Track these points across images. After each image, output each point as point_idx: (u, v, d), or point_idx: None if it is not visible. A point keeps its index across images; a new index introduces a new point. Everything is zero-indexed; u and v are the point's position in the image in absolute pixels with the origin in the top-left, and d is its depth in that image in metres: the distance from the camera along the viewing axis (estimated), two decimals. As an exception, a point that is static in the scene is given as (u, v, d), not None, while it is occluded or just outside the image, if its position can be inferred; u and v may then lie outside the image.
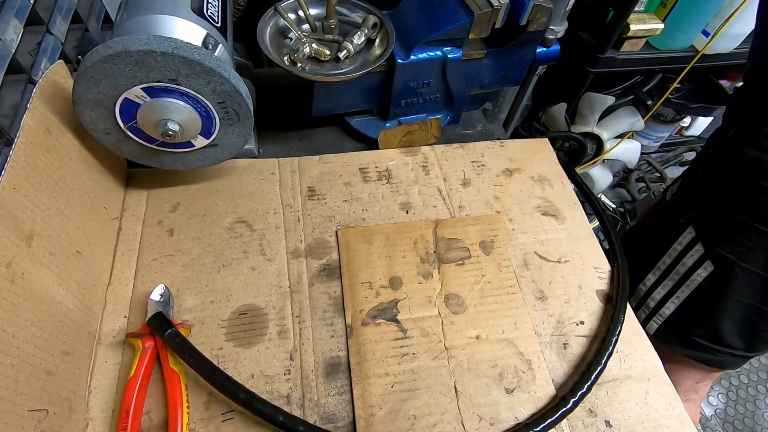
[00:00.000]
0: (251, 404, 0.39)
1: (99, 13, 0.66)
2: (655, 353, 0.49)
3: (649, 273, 0.68)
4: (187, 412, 0.40)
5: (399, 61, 0.57)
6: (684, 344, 0.65)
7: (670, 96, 1.27)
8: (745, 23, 1.13)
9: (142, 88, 0.40)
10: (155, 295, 0.45)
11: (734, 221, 0.56)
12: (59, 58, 0.49)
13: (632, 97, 1.31)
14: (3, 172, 0.34)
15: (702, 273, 0.61)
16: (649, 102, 1.29)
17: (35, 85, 0.40)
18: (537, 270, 0.54)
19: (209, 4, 0.46)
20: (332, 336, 0.47)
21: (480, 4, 0.55)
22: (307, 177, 0.59)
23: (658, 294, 0.67)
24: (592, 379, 0.44)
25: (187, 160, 0.50)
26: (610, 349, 0.46)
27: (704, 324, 0.64)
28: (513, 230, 0.57)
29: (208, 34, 0.44)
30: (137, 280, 0.49)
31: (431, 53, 0.58)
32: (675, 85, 1.18)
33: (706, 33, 1.15)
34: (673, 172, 1.77)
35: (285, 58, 0.53)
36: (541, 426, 0.41)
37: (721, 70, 1.42)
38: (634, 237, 0.81)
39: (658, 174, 1.63)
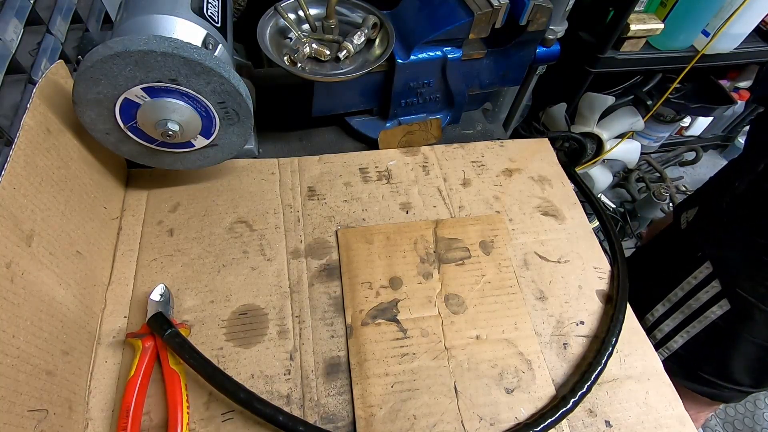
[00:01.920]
0: (251, 404, 0.39)
1: (99, 13, 0.66)
2: (655, 353, 0.49)
3: (659, 303, 0.65)
4: (187, 412, 0.40)
5: (399, 61, 0.57)
6: (690, 379, 0.63)
7: (670, 96, 1.27)
8: (745, 23, 1.13)
9: (142, 88, 0.40)
10: (155, 295, 0.45)
11: (758, 261, 0.54)
12: (59, 58, 0.49)
13: (632, 97, 1.32)
14: (3, 172, 0.34)
15: (717, 311, 0.59)
16: (649, 102, 1.29)
17: (35, 85, 0.40)
18: (537, 270, 0.54)
19: (209, 4, 0.46)
20: (332, 336, 0.47)
21: (480, 4, 0.55)
22: (307, 177, 0.59)
23: (667, 326, 0.64)
24: (592, 379, 0.44)
25: (187, 160, 0.50)
26: (610, 349, 0.46)
27: (713, 361, 0.61)
28: (513, 230, 0.57)
29: (208, 34, 0.44)
30: (137, 280, 0.49)
31: (431, 53, 0.58)
32: (675, 85, 1.18)
33: (706, 33, 1.15)
34: (673, 172, 1.77)
35: (285, 58, 0.53)
36: (541, 426, 0.41)
37: (721, 70, 1.42)
38: (643, 259, 0.78)
39: (658, 174, 1.63)
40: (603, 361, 0.45)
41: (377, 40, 0.58)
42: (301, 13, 0.56)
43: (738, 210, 0.58)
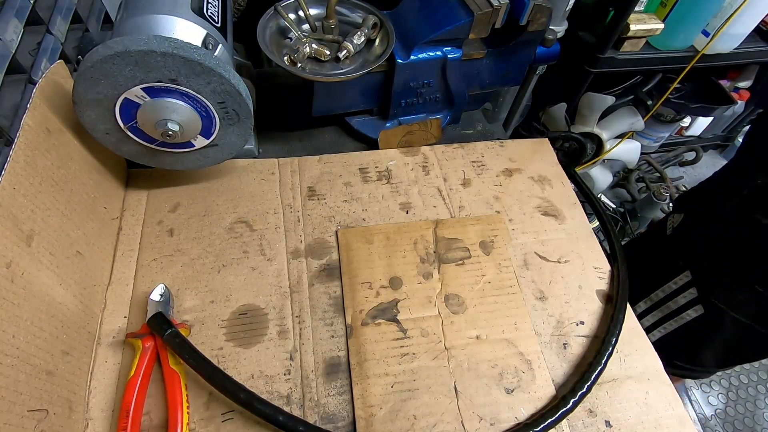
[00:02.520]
0: (251, 404, 0.39)
1: (99, 13, 0.66)
2: (655, 353, 0.49)
3: (641, 301, 0.71)
4: (187, 412, 0.40)
5: (399, 61, 0.57)
6: (664, 365, 0.68)
7: (670, 96, 1.27)
8: (745, 23, 1.13)
9: (142, 88, 0.40)
10: (155, 295, 0.45)
11: (734, 278, 0.58)
12: (59, 58, 0.49)
13: (632, 97, 1.31)
14: (3, 172, 0.34)
15: (692, 313, 0.64)
16: (649, 102, 1.29)
17: (35, 85, 0.40)
18: (537, 270, 0.54)
19: (209, 4, 0.46)
20: (332, 336, 0.47)
21: (480, 4, 0.55)
22: (307, 177, 0.59)
23: (647, 321, 0.70)
24: (592, 379, 0.44)
25: (187, 160, 0.50)
26: (610, 349, 0.46)
27: (687, 352, 0.68)
28: (513, 230, 0.57)
29: (208, 34, 0.44)
30: (137, 280, 0.49)
31: (431, 53, 0.58)
32: (675, 85, 1.18)
33: (706, 33, 1.15)
34: (673, 172, 1.77)
35: (285, 58, 0.53)
36: (541, 426, 0.41)
37: (721, 70, 1.42)
38: (630, 255, 0.80)
39: (658, 174, 1.63)
40: (603, 361, 0.45)
41: (377, 40, 0.58)
42: (301, 13, 0.56)
43: (723, 231, 0.61)
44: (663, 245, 0.73)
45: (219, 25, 0.47)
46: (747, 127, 1.74)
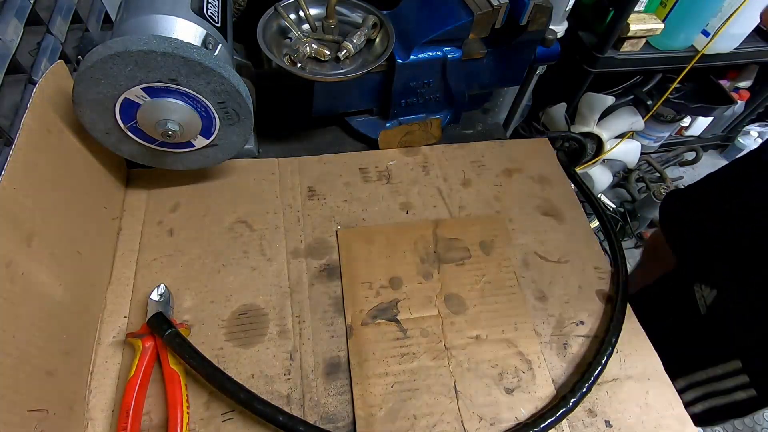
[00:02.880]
0: (251, 404, 0.39)
1: (99, 13, 0.66)
2: (655, 353, 0.49)
3: (680, 378, 0.62)
4: (187, 412, 0.40)
5: (399, 61, 0.57)
6: (701, 424, 0.64)
7: (670, 96, 1.27)
8: (745, 23, 1.13)
9: (142, 88, 0.40)
10: (155, 295, 0.45)
11: None
12: (59, 58, 0.49)
13: (632, 97, 1.31)
14: (3, 172, 0.34)
15: (741, 395, 0.58)
16: (649, 102, 1.29)
17: (35, 85, 0.40)
18: (537, 270, 0.54)
19: (209, 4, 0.46)
20: (332, 336, 0.47)
21: (480, 4, 0.55)
22: (307, 177, 0.59)
23: (687, 396, 0.62)
24: (592, 379, 0.44)
25: (187, 160, 0.50)
26: (610, 349, 0.46)
27: (729, 418, 0.63)
28: (513, 230, 0.57)
29: (208, 34, 0.44)
30: (137, 280, 0.49)
31: (431, 53, 0.58)
32: (675, 85, 1.18)
33: (706, 33, 1.15)
34: (673, 172, 1.77)
35: (285, 58, 0.53)
36: (541, 426, 0.41)
37: (721, 70, 1.42)
38: (659, 326, 0.67)
39: (658, 174, 1.63)
40: (603, 361, 0.45)
41: (377, 40, 0.58)
42: (301, 13, 0.56)
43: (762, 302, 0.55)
44: (699, 326, 0.64)
45: (219, 25, 0.47)
46: (747, 128, 1.74)
